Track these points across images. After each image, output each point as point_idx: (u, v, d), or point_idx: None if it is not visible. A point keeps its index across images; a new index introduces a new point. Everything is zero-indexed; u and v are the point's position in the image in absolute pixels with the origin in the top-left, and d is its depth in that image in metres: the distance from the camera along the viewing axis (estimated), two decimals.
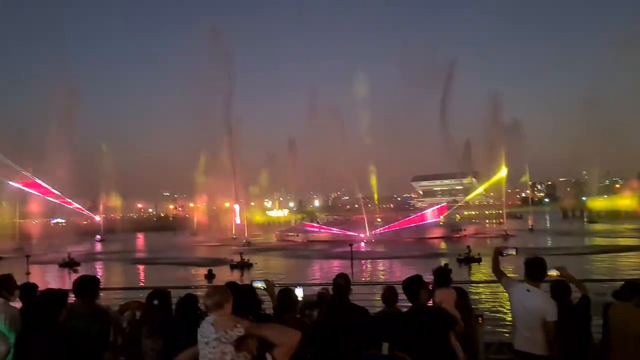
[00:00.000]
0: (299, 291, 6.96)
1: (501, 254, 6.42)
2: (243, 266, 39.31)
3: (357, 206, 79.89)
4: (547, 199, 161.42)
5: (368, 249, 54.87)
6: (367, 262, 41.98)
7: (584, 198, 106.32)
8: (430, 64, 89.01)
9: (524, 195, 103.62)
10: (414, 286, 5.54)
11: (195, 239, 74.37)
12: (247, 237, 70.45)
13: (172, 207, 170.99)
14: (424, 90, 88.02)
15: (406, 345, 5.26)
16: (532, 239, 60.48)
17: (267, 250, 57.64)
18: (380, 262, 43.06)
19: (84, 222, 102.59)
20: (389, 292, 6.26)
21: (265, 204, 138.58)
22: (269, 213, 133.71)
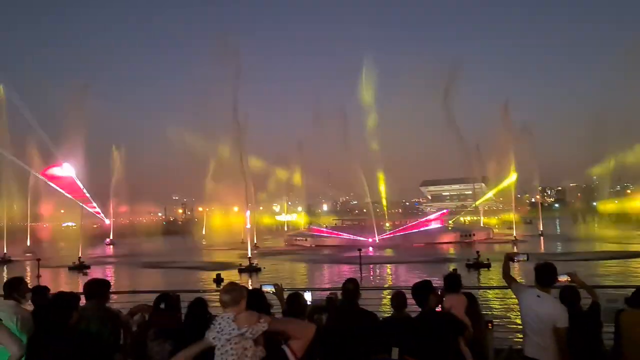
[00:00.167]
0: (308, 296, 6.98)
1: (512, 259, 6.40)
2: (251, 270, 39.36)
3: (365, 211, 79.58)
4: (557, 204, 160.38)
5: (376, 253, 54.72)
6: (375, 267, 41.84)
7: (594, 203, 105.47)
8: (439, 69, 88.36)
9: (533, 200, 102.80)
10: (423, 291, 5.53)
11: (204, 243, 74.56)
12: (255, 241, 70.49)
13: (181, 211, 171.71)
14: (433, 95, 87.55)
15: (415, 351, 5.25)
16: (542, 244, 60.09)
17: (275, 254, 57.65)
18: (389, 267, 42.92)
19: (94, 226, 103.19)
20: (398, 297, 6.25)
21: (274, 208, 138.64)
22: (277, 217, 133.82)
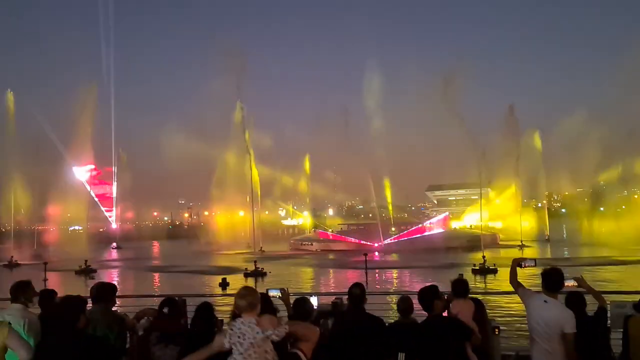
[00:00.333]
0: (314, 300, 6.97)
1: (520, 265, 6.36)
2: (257, 274, 39.34)
3: (371, 215, 79.42)
4: (564, 209, 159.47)
5: (382, 258, 54.61)
6: (381, 272, 41.73)
7: (601, 209, 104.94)
8: (445, 72, 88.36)
9: (540, 205, 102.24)
10: (429, 296, 5.51)
11: (210, 247, 74.55)
12: (261, 245, 70.44)
13: (187, 215, 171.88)
14: (439, 99, 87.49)
15: (422, 356, 5.24)
16: (549, 249, 59.77)
17: (281, 258, 57.64)
18: (395, 271, 42.80)
19: (100, 230, 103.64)
20: (405, 302, 6.23)
21: (280, 212, 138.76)
22: (283, 222, 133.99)
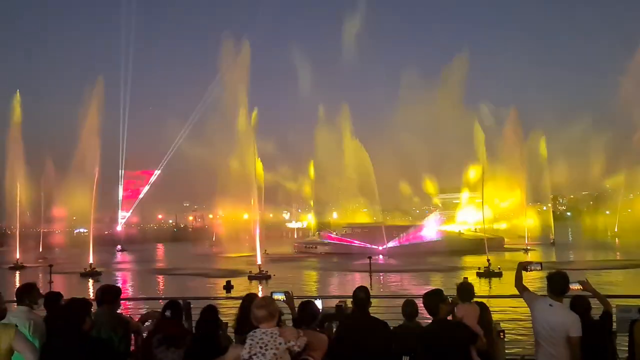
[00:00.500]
0: (319, 303, 6.95)
1: (525, 269, 6.33)
2: (261, 277, 39.32)
3: (375, 218, 79.28)
4: (569, 213, 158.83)
5: (386, 261, 54.46)
6: (385, 275, 41.63)
7: (607, 212, 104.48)
8: (450, 75, 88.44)
9: (545, 208, 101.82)
10: (434, 300, 5.49)
11: (214, 249, 74.51)
12: (265, 248, 70.28)
13: (191, 218, 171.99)
14: (444, 102, 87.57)
15: None
16: (554, 252, 59.52)
17: (285, 261, 57.58)
18: (399, 275, 42.65)
19: (105, 232, 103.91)
20: (409, 306, 6.21)
21: (284, 215, 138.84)
22: (287, 224, 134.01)
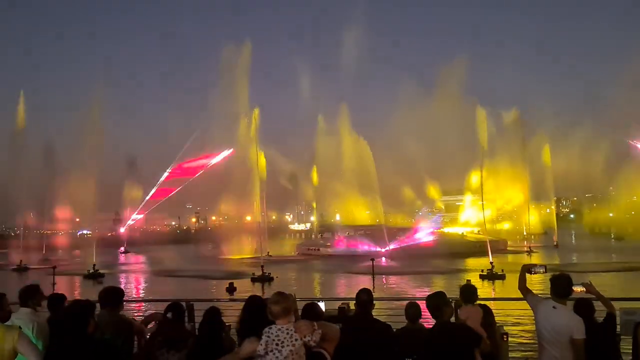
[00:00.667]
0: (321, 305, 6.94)
1: (529, 271, 6.30)
2: (264, 279, 39.32)
3: (378, 220, 79.19)
4: (572, 215, 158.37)
5: (389, 263, 54.35)
6: (388, 277, 41.57)
7: (610, 214, 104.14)
8: (452, 77, 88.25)
9: (548, 211, 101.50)
10: (437, 302, 5.47)
11: (217, 251, 74.50)
12: (268, 250, 70.28)
13: (194, 220, 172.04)
14: (446, 105, 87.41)
15: None
16: (558, 255, 59.33)
17: (287, 263, 57.60)
18: (402, 277, 42.56)
19: (109, 234, 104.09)
20: (413, 308, 6.20)
21: (287, 217, 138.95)
22: (290, 226, 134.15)
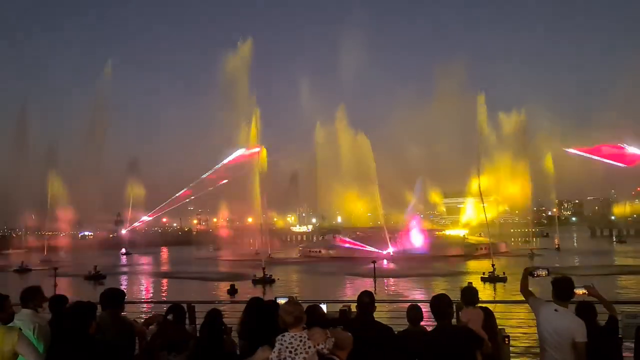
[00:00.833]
0: (323, 308, 6.93)
1: (532, 274, 6.27)
2: (266, 281, 39.30)
3: (379, 223, 79.19)
4: (574, 218, 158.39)
5: (391, 266, 54.32)
6: (389, 280, 41.51)
7: (612, 217, 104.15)
8: (455, 82, 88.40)
9: (550, 213, 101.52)
10: (440, 304, 5.45)
11: (218, 253, 74.56)
12: (270, 252, 70.26)
13: (195, 221, 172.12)
14: (449, 107, 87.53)
15: None
16: (559, 258, 59.20)
17: (289, 265, 57.62)
18: (403, 279, 42.51)
19: (110, 236, 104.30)
20: (414, 311, 6.18)
21: (288, 219, 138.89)
22: (292, 228, 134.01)
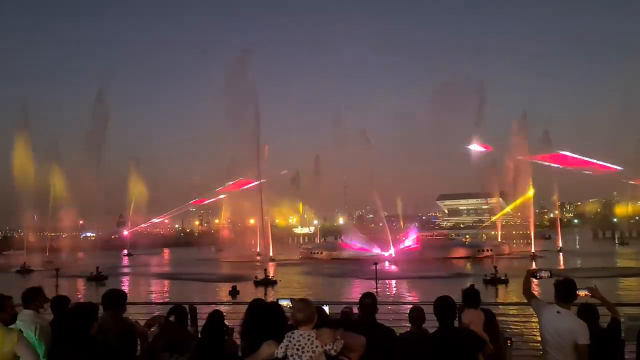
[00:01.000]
0: (325, 309, 6.92)
1: (534, 276, 6.25)
2: (267, 283, 39.33)
3: (381, 224, 79.25)
4: (576, 220, 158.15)
5: (392, 267, 54.32)
6: (391, 282, 41.52)
7: (614, 219, 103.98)
8: (456, 82, 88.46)
9: (552, 215, 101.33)
10: (443, 306, 5.45)
11: (220, 255, 74.58)
12: (271, 254, 70.32)
13: (197, 223, 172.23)
14: (450, 108, 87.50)
15: None
16: (561, 260, 59.18)
17: (290, 266, 57.64)
18: (404, 281, 42.52)
19: (112, 237, 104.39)
20: (416, 313, 6.17)
21: (290, 221, 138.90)
22: (294, 230, 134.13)
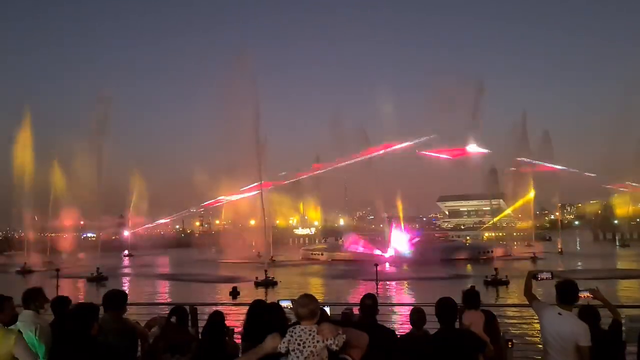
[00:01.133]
0: (326, 310, 6.92)
1: (535, 277, 6.25)
2: (268, 284, 39.32)
3: (382, 225, 79.15)
4: (577, 222, 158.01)
5: (393, 269, 54.26)
6: (392, 283, 41.47)
7: (615, 221, 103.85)
8: (455, 82, 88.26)
9: (552, 217, 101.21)
10: (444, 308, 5.44)
11: (220, 256, 74.49)
12: (272, 255, 70.20)
13: (198, 223, 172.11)
14: (451, 108, 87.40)
15: None
16: (562, 261, 59.08)
17: (291, 267, 57.61)
18: (405, 283, 42.49)
19: (113, 237, 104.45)
20: (417, 314, 6.17)
21: (290, 221, 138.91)
22: (295, 231, 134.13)
